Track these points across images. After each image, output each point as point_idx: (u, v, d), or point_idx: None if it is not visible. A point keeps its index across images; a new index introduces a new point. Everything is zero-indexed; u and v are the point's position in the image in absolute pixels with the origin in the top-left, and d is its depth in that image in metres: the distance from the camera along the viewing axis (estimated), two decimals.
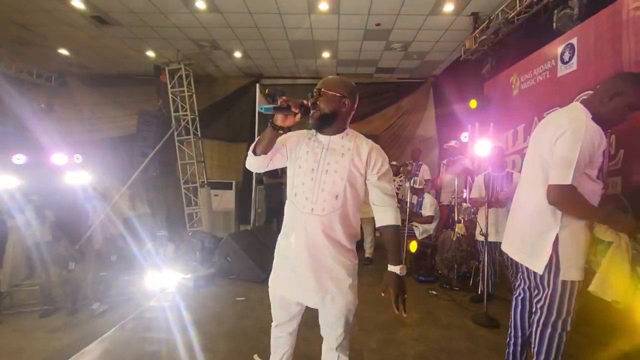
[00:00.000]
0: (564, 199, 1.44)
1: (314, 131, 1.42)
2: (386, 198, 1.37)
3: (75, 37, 5.85)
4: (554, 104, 3.75)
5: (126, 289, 4.03)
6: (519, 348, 1.83)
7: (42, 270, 4.13)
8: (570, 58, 3.51)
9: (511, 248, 1.76)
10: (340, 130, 1.39)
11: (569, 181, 1.40)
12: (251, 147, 1.41)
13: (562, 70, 3.64)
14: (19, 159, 4.50)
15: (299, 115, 1.27)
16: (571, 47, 3.52)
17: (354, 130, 1.43)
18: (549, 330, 1.56)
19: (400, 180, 5.67)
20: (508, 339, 1.88)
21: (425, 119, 8.09)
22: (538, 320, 1.59)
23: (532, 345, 1.64)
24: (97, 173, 5.12)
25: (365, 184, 1.39)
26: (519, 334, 1.82)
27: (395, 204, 1.38)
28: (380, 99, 8.11)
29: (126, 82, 7.56)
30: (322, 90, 1.33)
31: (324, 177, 1.34)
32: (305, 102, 1.30)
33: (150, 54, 6.50)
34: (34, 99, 6.23)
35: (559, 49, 3.67)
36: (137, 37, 5.82)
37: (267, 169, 1.48)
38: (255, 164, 1.43)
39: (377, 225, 1.40)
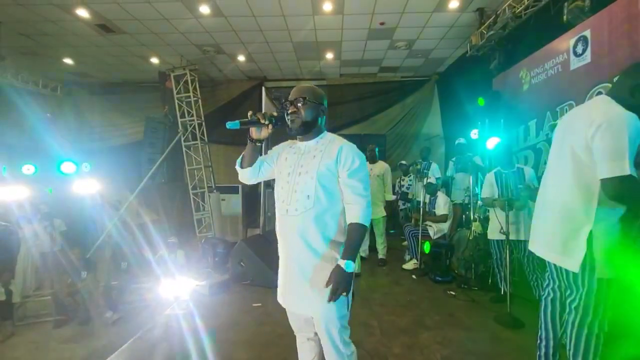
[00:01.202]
0: (627, 190, 1.33)
1: (295, 141, 1.51)
2: (356, 197, 1.35)
3: (80, 46, 5.87)
4: (568, 98, 3.69)
5: (138, 297, 4.00)
6: (550, 350, 1.76)
7: (53, 280, 4.12)
8: (584, 50, 3.45)
9: (540, 247, 1.69)
10: (316, 135, 1.45)
11: (627, 171, 1.30)
12: (237, 161, 1.54)
13: (575, 63, 3.58)
14: (29, 169, 4.49)
15: (271, 126, 1.35)
16: (584, 39, 3.46)
17: (333, 134, 1.47)
18: (585, 331, 1.50)
19: (410, 180, 5.61)
20: (538, 341, 1.82)
21: (430, 116, 8.04)
22: (573, 322, 1.53)
23: (567, 347, 1.58)
24: (105, 181, 5.12)
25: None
26: (551, 335, 1.75)
27: (365, 203, 1.34)
28: (384, 99, 8.08)
29: (130, 90, 7.59)
30: (306, 98, 1.38)
31: (297, 179, 1.39)
32: (274, 113, 1.38)
33: (154, 60, 6.51)
34: (41, 109, 6.24)
35: (571, 42, 3.61)
36: (141, 44, 5.82)
37: (259, 180, 1.58)
38: (244, 176, 1.56)
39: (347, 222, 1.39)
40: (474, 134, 5.12)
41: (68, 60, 6.43)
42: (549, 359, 1.77)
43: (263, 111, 1.41)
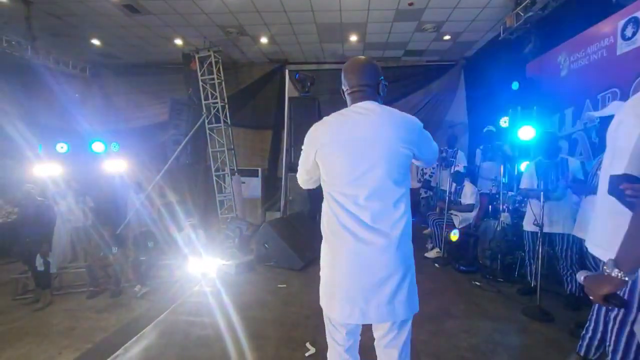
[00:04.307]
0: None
1: None
2: None
3: (106, 27, 5.93)
4: (611, 85, 3.47)
5: (166, 273, 4.16)
6: (595, 342, 1.73)
7: (87, 253, 4.34)
8: (634, 34, 3.21)
9: (591, 244, 1.63)
10: None
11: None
12: None
13: (623, 48, 3.34)
14: (62, 147, 4.66)
15: None
16: (635, 21, 3.21)
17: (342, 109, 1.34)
18: (627, 328, 1.45)
19: (433, 168, 5.48)
20: (584, 332, 1.78)
21: (455, 103, 7.76)
22: (615, 318, 1.48)
23: (608, 344, 1.54)
24: (131, 161, 5.27)
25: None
26: (600, 328, 1.71)
27: None
28: (408, 84, 7.82)
29: (154, 71, 7.65)
30: None
31: None
32: None
33: (178, 42, 6.51)
34: (71, 89, 6.42)
35: (620, 24, 3.36)
36: (166, 25, 5.82)
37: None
38: None
39: None
40: (503, 121, 4.92)
41: (95, 41, 6.53)
42: (591, 350, 1.73)
43: (286, 94, 1.39)
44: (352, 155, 1.19)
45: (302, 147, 1.32)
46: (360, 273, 1.18)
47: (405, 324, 1.27)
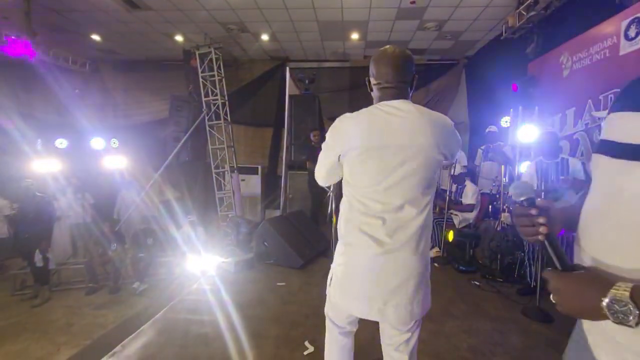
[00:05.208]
0: None
1: None
2: None
3: (107, 23, 5.89)
4: (614, 85, 3.46)
5: (165, 270, 4.16)
6: None
7: (86, 250, 4.34)
8: (638, 34, 3.19)
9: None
10: None
11: None
12: None
13: (626, 48, 3.33)
14: (62, 143, 4.65)
15: None
16: (639, 21, 3.19)
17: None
18: None
19: None
20: None
21: (456, 102, 7.74)
22: None
23: None
24: (131, 158, 5.25)
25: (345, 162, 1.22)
26: None
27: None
28: None
29: (155, 68, 7.62)
30: None
31: None
32: None
33: (179, 38, 6.48)
34: (70, 85, 6.39)
35: (623, 24, 3.34)
36: (166, 21, 5.79)
37: None
38: None
39: None
40: (505, 121, 4.90)
41: (95, 37, 6.49)
42: None
43: (287, 92, 1.32)
44: (388, 163, 1.11)
45: (325, 143, 1.23)
46: (380, 277, 1.15)
47: (417, 326, 1.27)
